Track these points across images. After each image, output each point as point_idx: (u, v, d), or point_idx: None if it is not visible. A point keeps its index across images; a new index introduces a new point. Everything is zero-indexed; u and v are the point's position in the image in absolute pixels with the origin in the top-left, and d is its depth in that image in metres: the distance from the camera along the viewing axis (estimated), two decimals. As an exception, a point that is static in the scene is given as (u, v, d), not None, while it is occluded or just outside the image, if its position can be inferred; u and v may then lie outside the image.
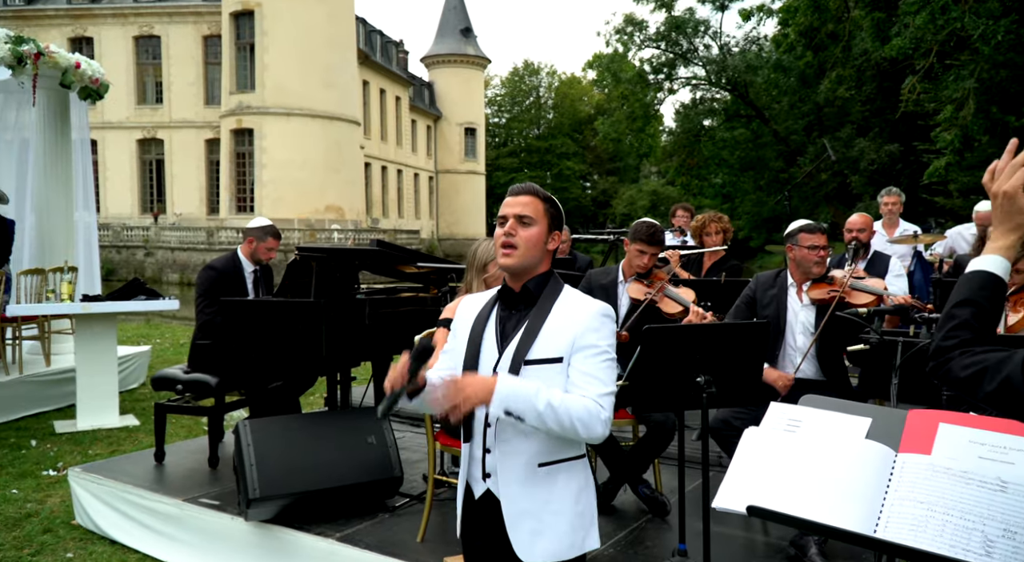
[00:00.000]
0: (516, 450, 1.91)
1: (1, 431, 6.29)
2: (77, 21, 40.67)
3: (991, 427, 1.52)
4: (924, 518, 1.42)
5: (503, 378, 1.80)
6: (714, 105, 35.37)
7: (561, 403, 1.78)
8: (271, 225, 4.64)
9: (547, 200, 2.03)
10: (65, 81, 7.09)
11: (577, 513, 1.93)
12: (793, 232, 3.52)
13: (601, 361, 1.87)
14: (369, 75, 45.01)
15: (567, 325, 1.90)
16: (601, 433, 1.82)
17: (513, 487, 1.92)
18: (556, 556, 1.91)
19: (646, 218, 3.97)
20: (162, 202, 40.74)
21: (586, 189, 69.21)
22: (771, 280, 3.62)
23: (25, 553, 3.91)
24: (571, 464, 1.94)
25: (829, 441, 1.62)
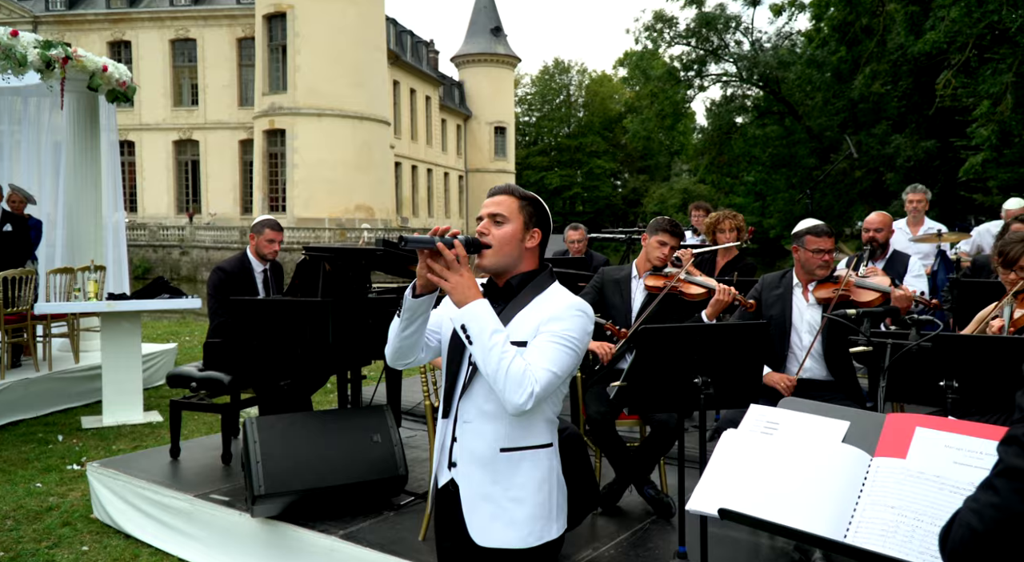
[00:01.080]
0: (478, 432, 1.92)
1: (31, 426, 6.46)
2: (116, 25, 41.55)
3: (969, 432, 1.48)
4: (894, 523, 1.39)
5: (484, 301, 1.83)
6: (745, 102, 34.93)
7: (507, 353, 1.78)
8: (268, 218, 4.70)
9: (523, 198, 2.03)
10: (93, 84, 7.24)
11: (539, 502, 1.92)
12: (800, 233, 3.47)
13: (556, 343, 1.85)
14: (399, 75, 45.31)
15: (537, 313, 1.91)
16: (517, 403, 1.77)
17: (474, 470, 1.92)
18: (512, 543, 1.90)
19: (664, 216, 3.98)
20: (197, 202, 41.45)
21: (617, 187, 68.90)
22: (777, 281, 3.57)
23: (43, 546, 4.00)
24: (536, 452, 1.94)
25: (805, 444, 1.59)
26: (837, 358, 3.37)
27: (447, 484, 2.00)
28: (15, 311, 6.75)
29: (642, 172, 67.63)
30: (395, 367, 2.13)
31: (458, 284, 1.82)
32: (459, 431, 1.96)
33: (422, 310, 1.95)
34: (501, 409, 1.89)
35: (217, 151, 40.74)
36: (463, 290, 1.82)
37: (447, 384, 2.02)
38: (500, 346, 1.79)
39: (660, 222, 3.85)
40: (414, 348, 2.02)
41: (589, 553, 3.23)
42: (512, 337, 1.87)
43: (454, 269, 1.81)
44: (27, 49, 6.34)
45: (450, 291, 1.83)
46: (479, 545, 1.92)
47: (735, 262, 4.88)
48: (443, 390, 2.06)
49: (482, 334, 1.80)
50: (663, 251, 3.78)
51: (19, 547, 3.98)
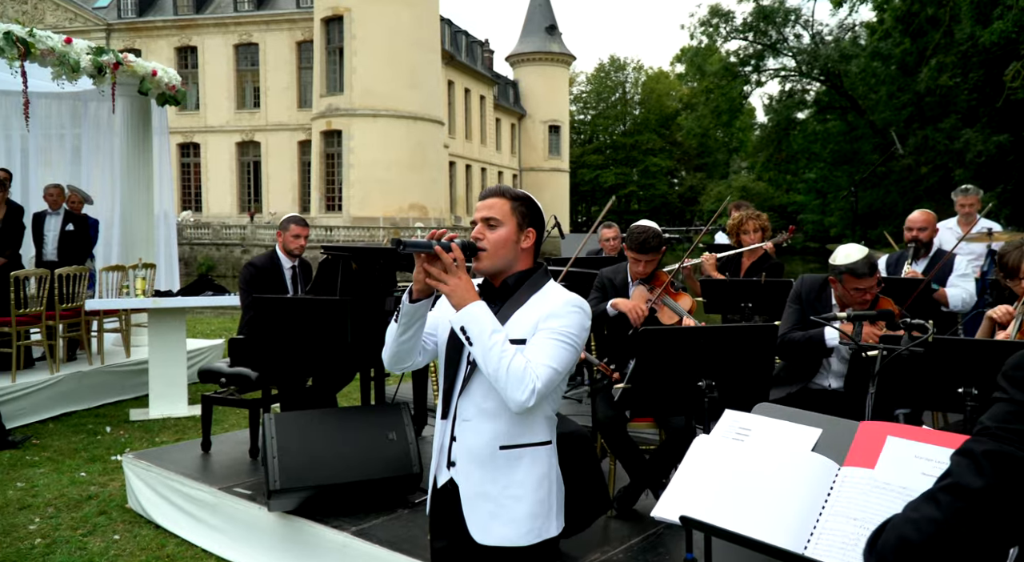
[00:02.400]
0: (478, 430, 1.93)
1: (82, 417, 6.72)
2: (183, 31, 42.92)
3: (942, 442, 1.41)
4: (855, 536, 1.33)
5: (482, 303, 1.85)
6: (805, 97, 34.10)
7: (507, 352, 1.80)
8: (293, 215, 4.80)
9: (516, 199, 2.03)
10: (143, 88, 7.49)
11: (538, 500, 1.93)
12: (839, 269, 3.13)
13: (555, 340, 1.87)
14: (454, 75, 45.63)
15: (535, 311, 1.93)
16: (520, 400, 1.79)
17: (473, 468, 1.94)
18: (511, 541, 1.91)
19: (643, 222, 3.79)
20: (258, 201, 42.53)
21: (673, 185, 68.04)
22: (817, 290, 3.38)
23: (78, 533, 4.16)
24: (535, 450, 1.95)
25: (774, 452, 1.54)
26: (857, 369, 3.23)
27: (446, 483, 2.01)
28: (70, 307, 7.03)
29: (699, 170, 66.63)
30: (393, 371, 2.15)
31: (456, 287, 1.83)
32: (458, 430, 1.97)
33: (419, 314, 1.96)
34: (500, 407, 1.90)
35: (277, 152, 41.72)
36: (461, 293, 1.84)
37: (446, 384, 2.03)
38: (500, 345, 1.81)
39: (630, 237, 3.68)
40: (412, 352, 2.04)
41: (598, 556, 3.19)
42: (511, 335, 1.88)
43: (452, 272, 1.83)
44: (80, 55, 6.60)
45: (448, 294, 1.85)
46: (479, 543, 1.93)
47: (761, 263, 4.74)
48: (441, 391, 2.07)
49: (482, 335, 1.81)
50: (638, 267, 3.68)
51: (56, 534, 4.14)
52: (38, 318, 6.69)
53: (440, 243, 1.84)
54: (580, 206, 68.12)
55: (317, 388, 4.52)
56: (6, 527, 4.23)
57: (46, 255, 7.51)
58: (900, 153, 8.52)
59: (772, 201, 53.55)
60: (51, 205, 7.57)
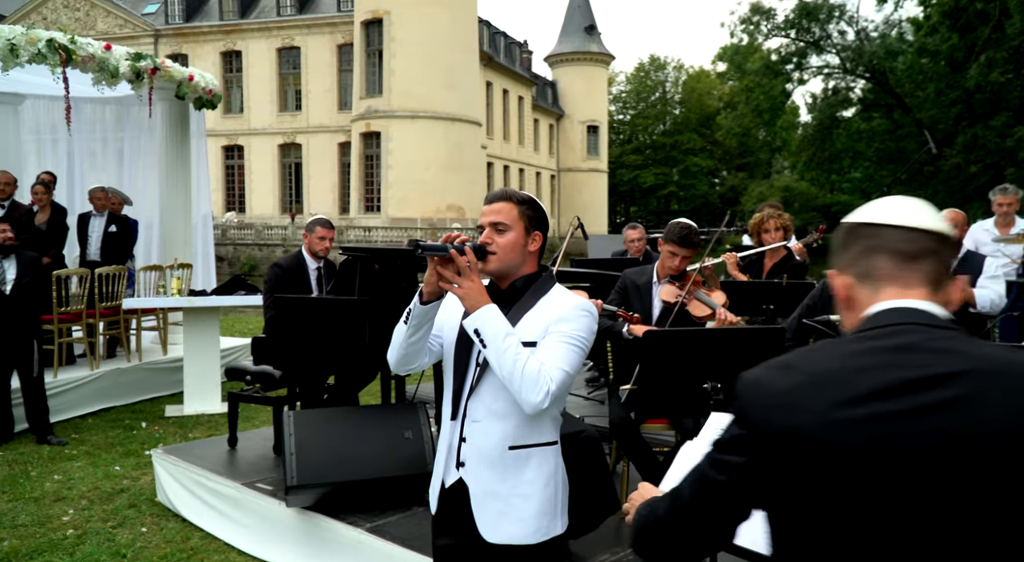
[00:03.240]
0: (487, 431, 1.97)
1: (120, 413, 6.93)
2: (228, 36, 43.81)
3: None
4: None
5: (494, 306, 1.88)
6: (849, 95, 33.38)
7: (521, 354, 1.84)
8: (320, 216, 4.88)
9: (522, 203, 2.05)
10: (180, 93, 7.69)
11: (546, 498, 1.97)
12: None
13: (567, 343, 1.91)
14: (492, 76, 45.77)
15: (545, 315, 1.96)
16: (535, 402, 1.82)
17: (483, 469, 1.97)
18: (520, 539, 1.95)
19: (683, 219, 3.81)
20: (300, 202, 43.20)
21: (714, 186, 67.28)
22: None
23: (108, 525, 4.30)
24: (543, 449, 1.99)
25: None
26: None
27: (454, 484, 2.03)
28: (110, 305, 7.25)
29: (741, 169, 65.78)
30: (399, 372, 2.19)
31: (470, 290, 1.87)
32: (467, 431, 2.00)
33: (429, 316, 2.00)
34: (510, 408, 1.93)
35: (318, 154, 42.34)
36: (475, 296, 1.87)
37: (455, 386, 2.06)
38: (514, 348, 1.84)
39: (671, 230, 3.70)
40: (419, 354, 2.08)
41: (608, 557, 3.19)
42: (522, 338, 1.91)
43: (466, 275, 1.86)
44: (119, 61, 6.80)
45: (462, 297, 1.88)
46: (488, 541, 1.96)
47: (783, 263, 4.67)
48: (448, 392, 2.09)
49: (496, 338, 1.85)
50: (674, 261, 3.66)
51: (87, 526, 4.29)
52: (79, 316, 6.91)
53: (455, 246, 1.87)
54: (619, 206, 67.80)
55: (339, 387, 4.59)
56: (41, 518, 4.39)
57: (90, 255, 7.76)
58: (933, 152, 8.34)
59: (815, 201, 52.61)
60: (96, 207, 7.81)
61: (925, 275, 1.16)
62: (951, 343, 1.07)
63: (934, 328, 1.10)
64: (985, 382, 1.01)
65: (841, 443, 1.03)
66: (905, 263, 1.17)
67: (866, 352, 1.09)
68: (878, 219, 1.20)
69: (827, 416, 1.04)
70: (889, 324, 1.12)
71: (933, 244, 1.17)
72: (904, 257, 1.17)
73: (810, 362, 1.12)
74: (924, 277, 1.16)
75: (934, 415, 1.01)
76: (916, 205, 1.22)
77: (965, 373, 1.02)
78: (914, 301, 1.14)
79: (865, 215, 1.23)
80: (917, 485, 1.00)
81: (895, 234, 1.19)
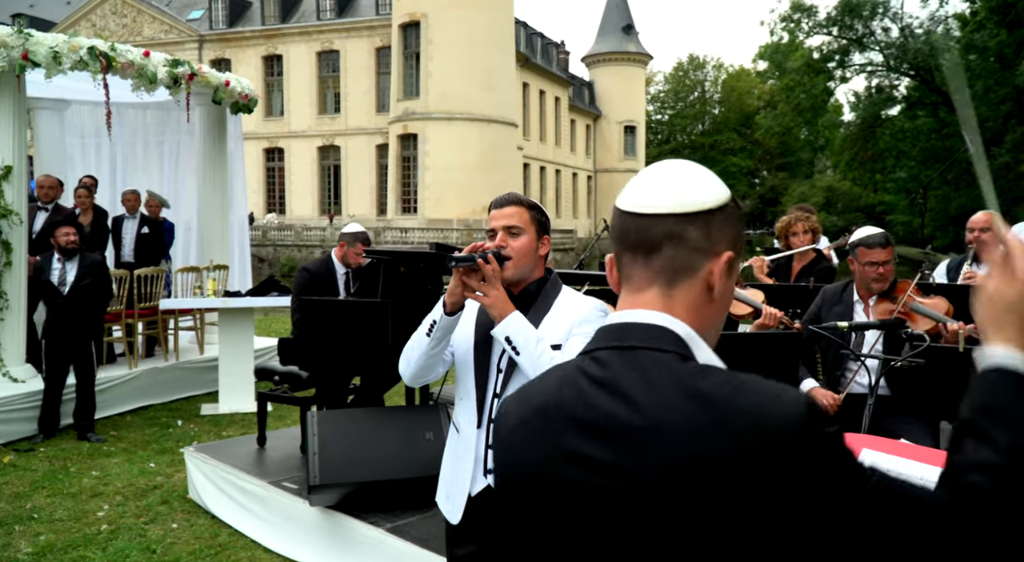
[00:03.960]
0: None
1: (157, 411, 7.10)
2: (269, 40, 44.55)
3: (919, 457, 1.36)
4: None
5: (519, 313, 1.92)
6: (894, 93, 32.70)
7: (555, 358, 1.86)
8: (362, 232, 4.91)
9: (532, 207, 2.08)
10: (216, 98, 7.85)
11: None
12: (853, 244, 3.21)
13: None
14: (529, 77, 45.80)
15: (566, 317, 1.98)
16: None
17: None
18: None
19: None
20: (338, 204, 43.74)
21: (754, 186, 66.37)
22: (838, 294, 3.34)
23: (140, 521, 4.41)
24: None
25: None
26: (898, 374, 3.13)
27: (482, 491, 2.04)
28: (148, 306, 7.43)
29: (781, 169, 64.81)
30: (413, 386, 2.22)
31: (497, 299, 1.90)
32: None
33: (452, 327, 2.02)
34: None
35: (356, 156, 42.82)
36: (502, 304, 1.90)
37: (477, 393, 2.05)
38: (548, 353, 1.88)
39: None
40: (435, 366, 2.10)
41: None
42: (548, 341, 1.94)
43: (491, 284, 1.89)
44: (157, 68, 6.97)
45: (490, 306, 1.90)
46: None
47: (811, 267, 4.59)
48: (468, 400, 2.08)
49: (528, 344, 1.88)
50: None
51: (121, 521, 4.41)
52: (119, 316, 7.10)
53: (481, 255, 1.89)
54: (657, 207, 67.13)
55: (365, 388, 4.65)
56: (77, 513, 4.53)
57: (124, 257, 7.97)
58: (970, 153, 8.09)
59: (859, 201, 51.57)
60: (128, 209, 8.02)
61: (655, 274, 0.97)
62: (639, 382, 0.90)
63: (638, 353, 0.93)
64: (649, 441, 0.87)
65: (542, 488, 0.95)
66: (635, 258, 0.98)
67: (574, 382, 0.96)
68: (618, 200, 1.02)
69: (534, 455, 0.97)
70: (605, 347, 0.97)
71: (669, 228, 0.96)
72: (633, 250, 0.98)
73: (535, 392, 1.02)
74: (653, 277, 0.97)
75: (602, 475, 0.90)
76: (650, 177, 1.00)
77: (639, 429, 0.88)
78: (636, 313, 0.97)
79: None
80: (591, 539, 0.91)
81: (619, 220, 1.00)
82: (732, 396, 0.86)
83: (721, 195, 0.98)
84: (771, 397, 0.85)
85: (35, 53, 6.24)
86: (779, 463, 0.82)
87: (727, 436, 0.83)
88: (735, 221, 1.00)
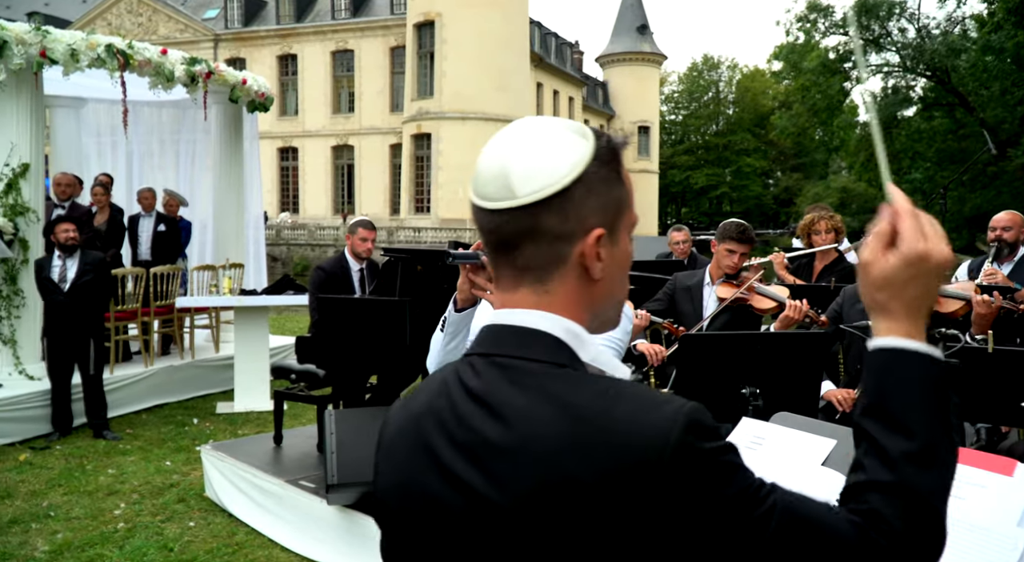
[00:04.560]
0: None
1: (172, 409, 7.11)
2: (284, 40, 44.73)
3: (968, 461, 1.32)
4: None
5: None
6: (910, 94, 32.42)
7: None
8: (362, 218, 4.92)
9: None
10: (233, 96, 7.86)
11: None
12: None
13: (604, 345, 1.94)
14: (543, 77, 45.78)
15: None
16: None
17: None
18: None
19: (735, 218, 3.80)
20: (351, 203, 43.86)
21: (768, 187, 66.05)
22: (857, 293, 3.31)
23: (157, 519, 4.41)
24: None
25: (783, 463, 1.48)
26: None
27: None
28: (164, 304, 7.45)
29: (796, 170, 64.46)
30: None
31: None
32: None
33: (465, 323, 2.00)
34: None
35: (370, 155, 42.92)
36: None
37: None
38: None
39: (728, 228, 3.69)
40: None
41: None
42: None
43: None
44: (174, 66, 6.99)
45: (494, 303, 1.88)
46: None
47: (833, 266, 4.54)
48: None
49: None
50: (732, 259, 3.62)
51: (137, 519, 4.41)
52: (135, 314, 7.12)
53: (486, 253, 1.88)
54: (670, 207, 67.07)
55: (381, 386, 4.63)
56: (94, 511, 4.53)
57: (140, 254, 7.99)
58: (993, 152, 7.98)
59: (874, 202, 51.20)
60: (144, 208, 8.04)
61: (521, 272, 0.87)
62: (508, 396, 0.82)
63: (509, 364, 0.84)
64: (515, 461, 0.79)
65: (409, 501, 0.89)
66: (497, 257, 0.89)
67: (448, 392, 0.88)
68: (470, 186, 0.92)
69: (406, 467, 0.91)
70: (482, 354, 0.88)
71: (520, 223, 0.85)
72: (494, 249, 0.89)
73: (417, 400, 0.94)
74: (519, 276, 0.87)
75: (463, 493, 0.82)
76: (491, 157, 0.88)
77: (505, 449, 0.80)
78: (511, 314, 0.87)
79: None
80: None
81: (473, 213, 0.89)
82: (605, 411, 0.77)
83: (576, 160, 0.84)
84: (645, 410, 0.76)
85: (53, 50, 6.26)
86: (651, 485, 0.73)
87: (595, 455, 0.75)
88: (602, 184, 0.86)
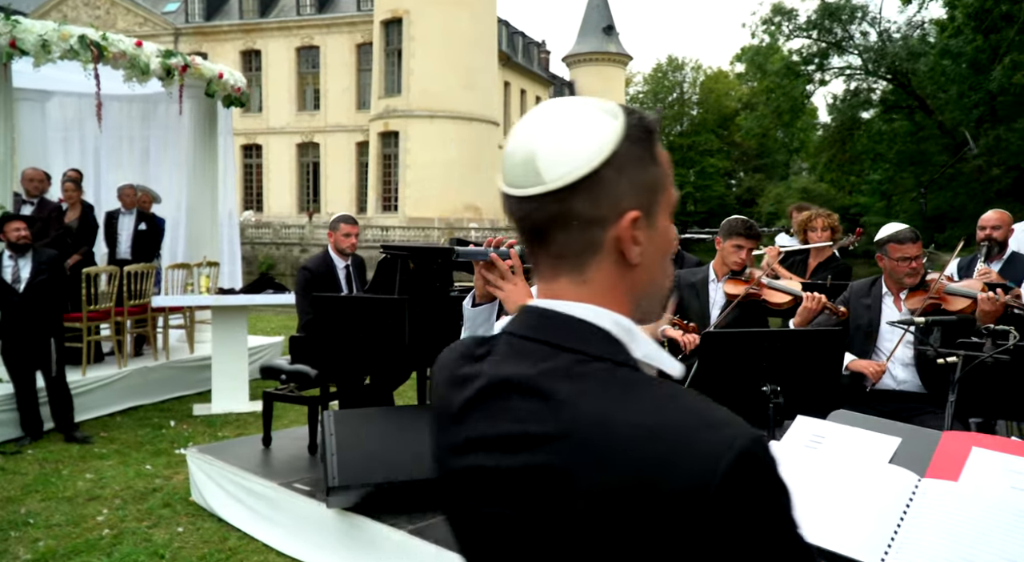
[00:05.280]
0: None
1: (147, 412, 6.92)
2: (248, 35, 44.00)
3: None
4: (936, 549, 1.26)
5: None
6: (871, 96, 33.10)
7: None
8: (343, 213, 4.83)
9: None
10: (209, 90, 7.69)
11: None
12: (882, 241, 3.25)
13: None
14: (511, 76, 45.75)
15: None
16: None
17: None
18: None
19: (739, 215, 3.80)
20: (317, 202, 43.34)
21: (731, 187, 66.91)
22: (866, 289, 3.35)
23: (143, 524, 4.28)
24: None
25: (848, 461, 1.47)
26: (933, 369, 3.12)
27: None
28: (138, 303, 7.24)
29: (758, 171, 65.38)
30: None
31: (511, 293, 1.87)
32: None
33: (483, 318, 1.99)
34: None
35: (336, 153, 42.44)
36: (516, 299, 1.87)
37: None
38: None
39: (734, 224, 3.68)
40: None
41: None
42: None
43: (508, 279, 1.87)
44: (150, 58, 6.80)
45: (504, 300, 1.89)
46: None
47: (827, 264, 4.60)
48: None
49: None
50: (740, 255, 3.62)
51: (123, 525, 4.27)
52: (108, 314, 6.91)
53: (497, 251, 1.86)
54: (635, 207, 67.43)
55: (375, 386, 4.55)
56: (75, 518, 4.38)
57: (120, 253, 7.76)
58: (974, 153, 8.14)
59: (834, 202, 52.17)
60: (125, 205, 7.82)
61: (557, 261, 0.83)
62: (558, 385, 0.76)
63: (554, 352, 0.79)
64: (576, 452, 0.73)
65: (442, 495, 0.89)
66: (532, 246, 0.85)
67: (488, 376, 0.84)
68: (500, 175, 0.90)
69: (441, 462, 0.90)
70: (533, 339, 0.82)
71: (549, 209, 0.80)
72: (528, 237, 0.85)
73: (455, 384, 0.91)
74: (556, 265, 0.83)
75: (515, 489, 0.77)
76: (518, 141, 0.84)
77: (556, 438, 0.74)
78: (550, 302, 0.83)
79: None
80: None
81: (503, 201, 0.86)
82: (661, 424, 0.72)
83: (604, 141, 0.79)
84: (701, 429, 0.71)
85: (23, 41, 6.06)
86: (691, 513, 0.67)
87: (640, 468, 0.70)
88: (634, 164, 0.80)
